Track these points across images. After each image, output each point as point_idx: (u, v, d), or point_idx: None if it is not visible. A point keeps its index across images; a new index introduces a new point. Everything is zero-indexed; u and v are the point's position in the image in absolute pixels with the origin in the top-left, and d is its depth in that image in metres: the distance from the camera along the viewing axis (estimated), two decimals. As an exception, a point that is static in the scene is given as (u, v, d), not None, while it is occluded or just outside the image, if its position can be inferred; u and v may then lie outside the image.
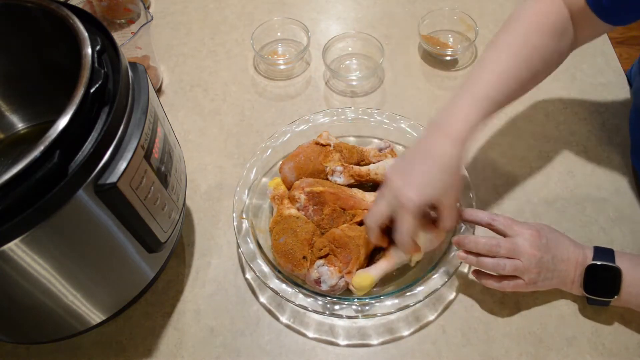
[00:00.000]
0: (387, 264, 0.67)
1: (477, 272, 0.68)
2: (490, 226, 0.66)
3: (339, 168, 0.74)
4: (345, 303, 0.65)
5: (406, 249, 0.63)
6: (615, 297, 0.62)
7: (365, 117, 0.82)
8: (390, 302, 0.65)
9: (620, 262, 0.62)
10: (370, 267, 0.67)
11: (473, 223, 0.68)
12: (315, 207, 0.70)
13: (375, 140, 0.82)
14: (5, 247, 0.44)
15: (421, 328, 0.68)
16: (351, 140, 0.83)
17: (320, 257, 0.66)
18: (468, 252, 0.65)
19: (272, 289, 0.66)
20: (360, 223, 0.70)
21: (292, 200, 0.71)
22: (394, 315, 0.67)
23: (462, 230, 0.70)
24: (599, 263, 0.62)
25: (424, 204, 0.60)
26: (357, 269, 0.67)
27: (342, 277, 0.65)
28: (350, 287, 0.66)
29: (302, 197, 0.70)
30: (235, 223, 0.71)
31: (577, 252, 0.64)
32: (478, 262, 0.64)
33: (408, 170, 0.61)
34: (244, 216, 0.72)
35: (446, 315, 0.69)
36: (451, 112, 0.63)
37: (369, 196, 0.73)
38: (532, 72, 0.65)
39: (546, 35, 0.65)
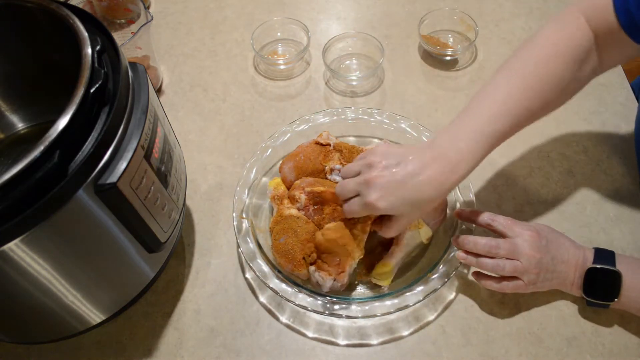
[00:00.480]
0: (399, 249, 0.67)
1: (476, 274, 0.68)
2: (489, 227, 0.66)
3: (338, 166, 0.74)
4: (345, 303, 0.65)
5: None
6: (615, 300, 0.62)
7: (365, 117, 0.82)
8: (390, 302, 0.65)
9: (620, 266, 0.62)
10: (385, 256, 0.68)
11: (473, 223, 0.68)
12: (315, 207, 0.70)
13: (375, 140, 0.82)
14: (5, 247, 0.44)
15: (421, 328, 0.68)
16: (351, 140, 0.83)
17: (312, 263, 0.67)
18: (468, 252, 0.65)
19: (272, 289, 0.66)
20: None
21: (293, 200, 0.71)
22: (393, 315, 0.67)
23: (461, 231, 0.70)
24: (598, 266, 0.62)
25: (379, 209, 0.60)
26: (355, 263, 0.67)
27: (334, 279, 0.65)
28: (374, 280, 0.66)
29: (303, 197, 0.70)
30: (235, 223, 0.71)
31: (577, 254, 0.64)
32: (477, 263, 0.64)
33: (392, 175, 0.59)
34: (244, 216, 0.72)
35: (446, 315, 0.69)
36: (457, 144, 0.59)
37: None
38: (544, 102, 0.61)
39: (564, 64, 0.60)
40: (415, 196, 0.58)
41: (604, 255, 0.63)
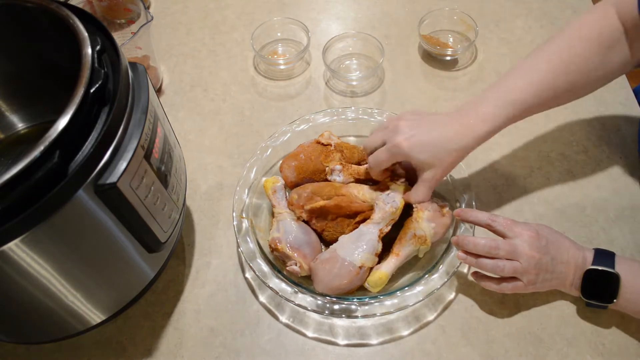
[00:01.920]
0: (397, 260, 0.67)
1: (476, 274, 0.68)
2: (489, 227, 0.65)
3: (338, 167, 0.74)
4: (345, 303, 0.65)
5: (372, 171, 0.70)
6: (613, 301, 0.62)
7: (366, 117, 0.82)
8: (389, 302, 0.65)
9: (620, 268, 0.62)
10: (381, 264, 0.67)
11: (472, 223, 0.68)
12: (318, 217, 0.71)
13: None
14: (5, 247, 0.44)
15: (421, 328, 0.68)
16: (352, 140, 0.83)
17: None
18: (467, 252, 0.65)
19: (271, 289, 0.66)
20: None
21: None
22: (393, 315, 0.67)
23: (462, 231, 0.70)
24: (598, 268, 0.62)
25: (406, 158, 0.65)
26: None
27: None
28: (366, 285, 0.66)
29: (304, 214, 0.71)
30: (235, 222, 0.71)
31: (577, 255, 0.64)
32: (477, 263, 0.64)
33: (418, 124, 0.65)
34: (243, 215, 0.72)
35: (446, 315, 0.69)
36: (481, 108, 0.64)
37: (369, 193, 0.72)
38: (570, 83, 0.65)
39: (590, 48, 0.64)
40: (438, 142, 0.64)
41: (603, 256, 0.63)
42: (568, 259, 0.64)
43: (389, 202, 0.69)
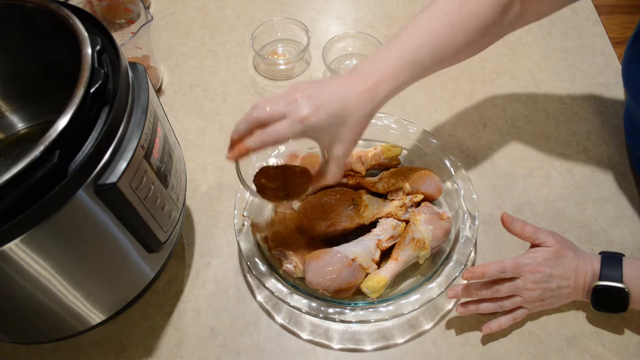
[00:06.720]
0: (396, 265, 0.67)
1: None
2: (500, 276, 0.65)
3: (344, 179, 0.75)
4: (339, 307, 0.65)
5: (262, 145, 0.59)
6: (624, 311, 0.62)
7: (374, 120, 0.81)
8: (384, 309, 0.65)
9: (628, 273, 0.61)
10: (380, 269, 0.67)
11: (482, 279, 0.66)
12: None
13: (376, 142, 0.80)
14: (5, 247, 0.44)
15: (418, 336, 0.68)
16: (360, 142, 0.81)
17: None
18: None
19: (268, 289, 0.66)
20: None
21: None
22: (391, 321, 0.67)
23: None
24: (606, 284, 0.62)
25: (311, 126, 0.57)
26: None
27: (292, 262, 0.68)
28: (364, 289, 0.66)
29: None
30: (235, 220, 0.71)
31: (584, 270, 0.64)
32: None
33: (319, 94, 0.58)
34: (245, 214, 0.72)
35: (445, 315, 0.69)
36: (378, 68, 0.60)
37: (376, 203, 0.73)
38: (468, 40, 0.63)
39: (488, 5, 0.62)
40: (342, 111, 0.58)
41: (610, 265, 0.63)
42: (576, 277, 0.64)
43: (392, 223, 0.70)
